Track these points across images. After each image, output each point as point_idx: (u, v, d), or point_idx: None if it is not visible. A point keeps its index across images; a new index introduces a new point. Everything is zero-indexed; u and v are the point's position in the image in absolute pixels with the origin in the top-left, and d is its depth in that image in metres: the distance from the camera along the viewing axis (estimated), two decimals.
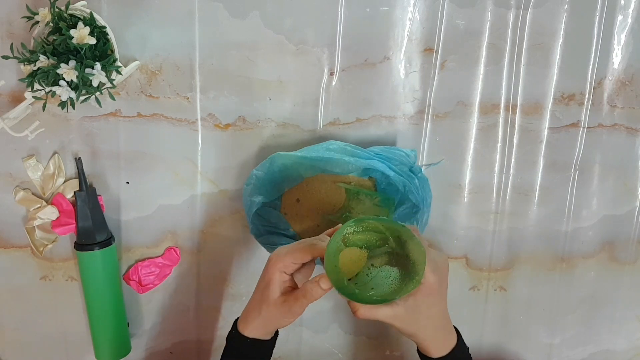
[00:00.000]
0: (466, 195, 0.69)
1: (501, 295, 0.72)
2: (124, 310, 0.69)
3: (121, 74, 0.59)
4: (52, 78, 0.55)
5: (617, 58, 0.66)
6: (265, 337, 0.55)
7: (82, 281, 0.67)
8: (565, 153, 0.69)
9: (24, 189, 0.66)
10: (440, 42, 0.64)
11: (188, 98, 0.65)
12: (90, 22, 0.56)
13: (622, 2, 0.65)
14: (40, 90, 0.57)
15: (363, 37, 0.64)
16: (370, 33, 0.64)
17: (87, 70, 0.55)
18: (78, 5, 0.58)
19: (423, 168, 0.67)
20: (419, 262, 0.48)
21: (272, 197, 0.65)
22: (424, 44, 0.65)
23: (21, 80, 0.57)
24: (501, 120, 0.67)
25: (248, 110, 0.65)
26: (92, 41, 0.54)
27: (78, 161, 0.64)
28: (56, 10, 0.55)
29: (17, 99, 0.63)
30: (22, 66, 0.56)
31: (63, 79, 0.54)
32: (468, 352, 0.58)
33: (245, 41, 0.63)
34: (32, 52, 0.56)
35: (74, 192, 0.65)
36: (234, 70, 0.64)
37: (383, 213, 0.65)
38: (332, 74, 0.65)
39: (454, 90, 0.66)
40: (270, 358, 0.57)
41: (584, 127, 0.68)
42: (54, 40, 0.55)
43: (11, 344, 0.72)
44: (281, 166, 0.62)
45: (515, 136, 0.67)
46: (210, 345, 0.72)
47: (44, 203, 0.66)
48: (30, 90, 0.57)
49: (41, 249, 0.68)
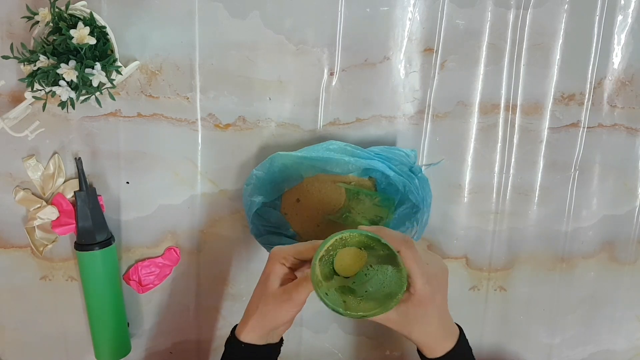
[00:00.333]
0: (466, 195, 0.69)
1: (501, 295, 0.72)
2: (124, 310, 0.69)
3: (121, 74, 0.59)
4: (52, 78, 0.55)
5: (617, 58, 0.66)
6: (262, 342, 0.53)
7: (82, 281, 0.67)
8: (565, 153, 0.69)
9: (24, 189, 0.66)
10: (440, 42, 0.64)
11: (188, 98, 0.65)
12: (90, 22, 0.56)
13: (622, 2, 0.65)
14: (40, 90, 0.57)
15: (363, 37, 0.64)
16: (370, 33, 0.64)
17: (87, 70, 0.55)
18: (78, 5, 0.58)
19: (423, 168, 0.67)
20: (401, 281, 0.48)
21: (272, 197, 0.65)
22: (424, 44, 0.65)
23: (21, 80, 0.57)
24: (501, 120, 0.67)
25: (248, 110, 0.65)
26: (92, 41, 0.54)
27: (78, 161, 0.64)
28: (56, 10, 0.55)
29: (17, 99, 0.63)
30: (22, 66, 0.56)
31: (63, 79, 0.54)
32: (469, 353, 0.57)
33: (245, 41, 0.63)
34: (32, 52, 0.56)
35: (74, 192, 0.65)
36: (234, 70, 0.64)
37: (383, 213, 0.65)
38: (332, 74, 0.65)
39: (454, 90, 0.66)
40: None
41: (584, 127, 0.68)
42: (54, 40, 0.55)
43: (11, 344, 0.72)
44: (281, 166, 0.62)
45: (515, 136, 0.67)
46: (210, 345, 0.72)
47: (44, 203, 0.66)
48: (30, 90, 0.57)
49: (41, 249, 0.68)
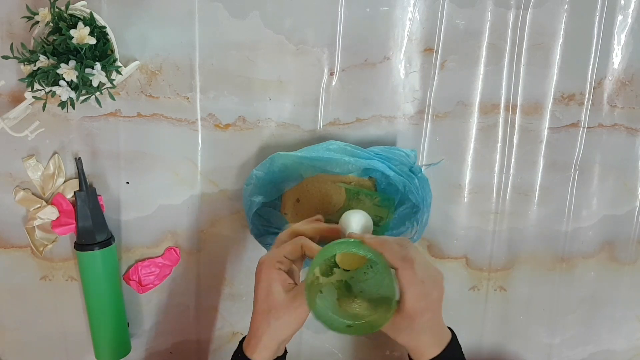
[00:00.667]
0: (466, 195, 0.69)
1: (501, 295, 0.72)
2: (124, 310, 0.69)
3: (121, 74, 0.59)
4: (52, 78, 0.55)
5: (617, 58, 0.66)
6: (273, 357, 0.51)
7: (82, 281, 0.67)
8: (565, 153, 0.69)
9: (24, 189, 0.66)
10: (440, 42, 0.64)
11: (188, 98, 0.65)
12: (90, 22, 0.56)
13: (622, 2, 0.65)
14: (40, 90, 0.57)
15: (363, 37, 0.64)
16: (370, 33, 0.64)
17: (87, 70, 0.55)
18: (78, 5, 0.58)
19: (423, 168, 0.67)
20: (391, 300, 0.47)
21: (272, 197, 0.65)
22: (424, 44, 0.65)
23: (21, 80, 0.57)
24: (501, 120, 0.67)
25: (248, 110, 0.65)
26: (92, 41, 0.54)
27: (78, 161, 0.64)
28: (56, 10, 0.55)
29: (17, 99, 0.63)
30: (22, 66, 0.56)
31: (63, 79, 0.54)
32: (459, 357, 0.55)
33: (245, 41, 0.63)
34: (32, 52, 0.56)
35: (74, 192, 0.65)
36: (234, 70, 0.64)
37: (383, 213, 0.65)
38: (332, 74, 0.65)
39: (454, 90, 0.66)
40: None
41: (584, 127, 0.68)
42: (54, 40, 0.55)
43: (11, 344, 0.72)
44: (281, 166, 0.62)
45: (515, 136, 0.67)
46: (210, 345, 0.72)
47: (44, 203, 0.66)
48: (30, 90, 0.57)
49: (41, 249, 0.68)
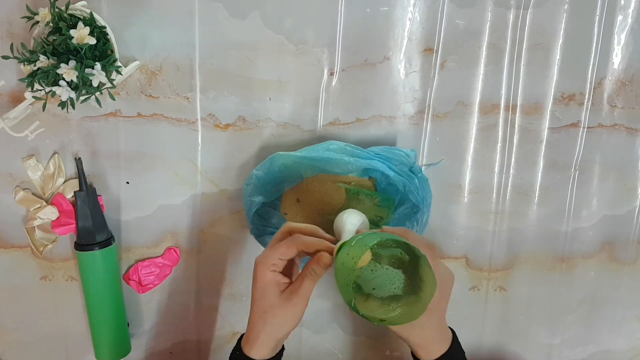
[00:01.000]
0: (466, 195, 0.69)
1: (501, 295, 0.72)
2: (124, 310, 0.69)
3: (121, 74, 0.59)
4: (52, 78, 0.55)
5: (617, 58, 0.66)
6: (271, 355, 0.53)
7: (82, 281, 0.67)
8: (565, 153, 0.69)
9: (24, 189, 0.66)
10: (440, 42, 0.64)
11: (188, 98, 0.65)
12: (90, 22, 0.56)
13: (622, 2, 0.65)
14: (40, 90, 0.57)
15: (363, 37, 0.64)
16: (370, 33, 0.64)
17: (87, 70, 0.55)
18: (78, 5, 0.58)
19: (423, 168, 0.67)
20: (426, 293, 0.46)
21: (272, 197, 0.65)
22: (424, 44, 0.65)
23: (21, 80, 0.57)
24: (501, 120, 0.67)
25: (248, 110, 0.65)
26: (92, 41, 0.54)
27: (78, 161, 0.64)
28: (56, 10, 0.55)
29: (17, 99, 0.63)
30: (22, 66, 0.56)
31: (63, 79, 0.54)
32: (462, 356, 0.57)
33: (245, 41, 0.63)
34: (32, 52, 0.56)
35: (74, 192, 0.65)
36: (234, 70, 0.64)
37: (383, 213, 0.65)
38: (332, 74, 0.65)
39: (454, 90, 0.66)
40: None
41: (584, 127, 0.68)
42: (54, 40, 0.55)
43: (11, 344, 0.72)
44: (281, 166, 0.62)
45: (515, 136, 0.67)
46: (210, 345, 0.72)
47: (44, 203, 0.66)
48: (30, 90, 0.57)
49: (41, 249, 0.68)
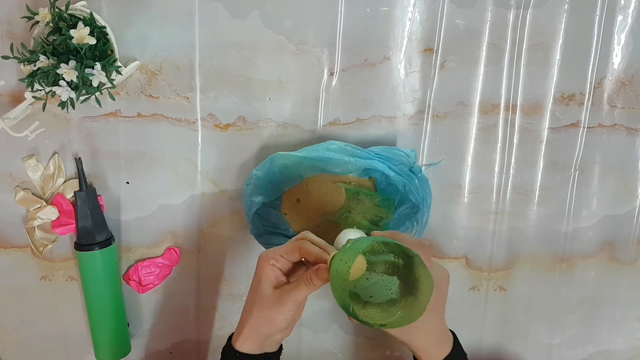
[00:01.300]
0: (466, 195, 0.69)
1: (501, 295, 0.72)
2: (124, 310, 0.69)
3: (121, 74, 0.59)
4: (52, 78, 0.55)
5: (617, 58, 0.66)
6: (258, 350, 0.52)
7: (82, 281, 0.67)
8: (565, 153, 0.69)
9: (24, 189, 0.66)
10: (440, 42, 0.64)
11: (188, 98, 0.65)
12: (90, 22, 0.56)
13: (622, 2, 0.65)
14: (40, 90, 0.57)
15: (363, 37, 0.64)
16: (370, 33, 0.64)
17: (87, 70, 0.55)
18: (78, 5, 0.58)
19: (423, 168, 0.67)
20: (424, 293, 0.46)
21: (272, 197, 0.65)
22: (424, 44, 0.65)
23: (21, 80, 0.57)
24: (501, 120, 0.67)
25: (248, 110, 0.65)
26: (92, 41, 0.55)
27: (78, 161, 0.64)
28: (56, 10, 0.55)
29: (17, 99, 0.63)
30: (22, 66, 0.56)
31: (63, 79, 0.54)
32: (464, 358, 0.57)
33: (245, 41, 0.63)
34: (32, 52, 0.56)
35: (74, 192, 0.65)
36: (234, 70, 0.64)
37: (383, 213, 0.65)
38: (332, 74, 0.65)
39: (454, 90, 0.66)
40: None
41: (584, 127, 0.68)
42: (54, 40, 0.55)
43: (11, 344, 0.72)
44: (281, 166, 0.62)
45: (515, 136, 0.67)
46: (210, 345, 0.72)
47: (44, 203, 0.66)
48: (30, 90, 0.57)
49: (41, 249, 0.68)
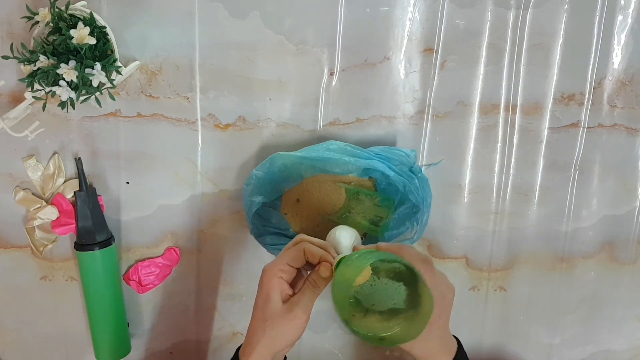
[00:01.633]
0: (466, 195, 0.69)
1: (501, 295, 0.72)
2: (124, 310, 0.69)
3: (121, 74, 0.59)
4: (52, 78, 0.55)
5: (617, 58, 0.66)
6: None
7: (82, 281, 0.67)
8: (565, 153, 0.69)
9: (24, 189, 0.66)
10: (440, 42, 0.64)
11: (188, 98, 0.65)
12: (90, 22, 0.56)
13: (622, 2, 0.65)
14: (40, 90, 0.57)
15: (363, 37, 0.64)
16: (370, 33, 0.64)
17: (87, 70, 0.55)
18: (78, 5, 0.58)
19: (423, 168, 0.67)
20: (425, 310, 0.45)
21: (272, 197, 0.65)
22: (424, 44, 0.65)
23: (21, 80, 0.57)
24: (501, 120, 0.67)
25: (248, 110, 0.65)
26: (92, 41, 0.55)
27: (78, 161, 0.64)
28: (56, 10, 0.55)
29: (17, 99, 0.63)
30: (22, 66, 0.56)
31: (63, 79, 0.54)
32: None
33: (245, 41, 0.63)
34: (32, 52, 0.56)
35: (74, 192, 0.65)
36: (234, 70, 0.64)
37: (383, 213, 0.65)
38: (332, 74, 0.65)
39: (454, 90, 0.66)
40: None
41: (584, 127, 0.68)
42: (54, 40, 0.55)
43: (11, 344, 0.72)
44: (281, 166, 0.62)
45: (515, 136, 0.67)
46: (210, 345, 0.72)
47: (44, 203, 0.66)
48: (30, 90, 0.57)
49: (41, 249, 0.68)
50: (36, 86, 0.56)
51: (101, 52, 0.57)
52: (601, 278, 0.73)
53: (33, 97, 0.58)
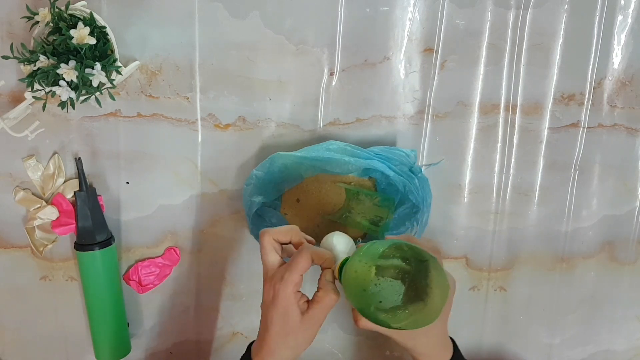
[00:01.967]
0: (466, 195, 0.69)
1: (501, 295, 0.72)
2: (124, 310, 0.69)
3: (121, 74, 0.59)
4: (52, 78, 0.55)
5: (617, 58, 0.66)
6: None
7: (82, 281, 0.67)
8: (565, 153, 0.69)
9: (24, 189, 0.66)
10: (440, 42, 0.64)
11: (188, 98, 0.65)
12: (90, 22, 0.56)
13: (622, 2, 0.65)
14: (40, 90, 0.57)
15: (363, 37, 0.64)
16: (370, 33, 0.64)
17: (87, 70, 0.55)
18: (78, 5, 0.58)
19: (423, 168, 0.67)
20: (437, 296, 0.45)
21: (272, 197, 0.65)
22: (424, 44, 0.65)
23: (21, 80, 0.57)
24: (501, 120, 0.67)
25: (248, 110, 0.65)
26: (92, 41, 0.55)
27: (78, 161, 0.64)
28: (56, 10, 0.55)
29: (17, 99, 0.63)
30: (22, 66, 0.56)
31: (63, 79, 0.54)
32: None
33: (245, 41, 0.63)
34: (32, 52, 0.56)
35: (74, 192, 0.65)
36: (234, 70, 0.64)
37: (383, 213, 0.65)
38: (332, 74, 0.65)
39: (454, 90, 0.66)
40: None
41: (584, 127, 0.68)
42: (54, 40, 0.55)
43: (11, 344, 0.72)
44: (281, 166, 0.62)
45: (515, 136, 0.67)
46: (210, 345, 0.72)
47: (44, 203, 0.66)
48: (30, 90, 0.57)
49: (41, 249, 0.68)
50: (36, 86, 0.56)
51: (101, 52, 0.57)
52: (601, 278, 0.73)
53: (33, 97, 0.58)
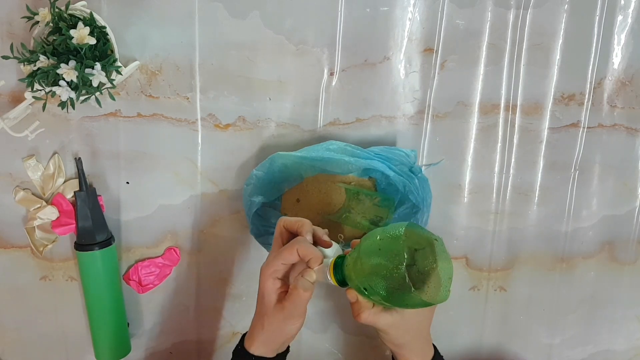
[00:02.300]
0: (466, 195, 0.69)
1: (501, 295, 0.72)
2: (124, 310, 0.69)
3: (121, 74, 0.59)
4: (52, 78, 0.55)
5: (617, 58, 0.66)
6: (272, 354, 0.54)
7: (82, 281, 0.67)
8: (565, 153, 0.69)
9: (24, 189, 0.66)
10: (440, 42, 0.64)
11: (188, 98, 0.65)
12: (90, 22, 0.56)
13: (622, 2, 0.65)
14: (40, 90, 0.57)
15: (363, 37, 0.64)
16: (370, 33, 0.64)
17: (87, 70, 0.55)
18: (78, 5, 0.58)
19: (423, 168, 0.67)
20: (445, 278, 0.48)
21: (272, 197, 0.65)
22: (424, 44, 0.65)
23: (21, 80, 0.57)
24: (501, 120, 0.67)
25: (248, 110, 0.65)
26: (92, 41, 0.55)
27: (78, 161, 0.64)
28: (56, 10, 0.55)
29: (17, 99, 0.63)
30: (22, 66, 0.56)
31: (63, 79, 0.54)
32: None
33: (245, 41, 0.63)
34: (32, 52, 0.56)
35: (74, 192, 0.65)
36: (234, 70, 0.64)
37: (383, 213, 0.65)
38: (332, 74, 0.65)
39: (454, 90, 0.66)
40: None
41: (584, 127, 0.68)
42: (54, 40, 0.55)
43: (11, 344, 0.72)
44: (281, 166, 0.62)
45: (515, 136, 0.67)
46: (210, 345, 0.72)
47: (44, 203, 0.66)
48: (30, 90, 0.57)
49: (41, 249, 0.68)
50: (36, 86, 0.56)
51: (101, 52, 0.57)
52: (601, 278, 0.73)
53: (33, 97, 0.58)
